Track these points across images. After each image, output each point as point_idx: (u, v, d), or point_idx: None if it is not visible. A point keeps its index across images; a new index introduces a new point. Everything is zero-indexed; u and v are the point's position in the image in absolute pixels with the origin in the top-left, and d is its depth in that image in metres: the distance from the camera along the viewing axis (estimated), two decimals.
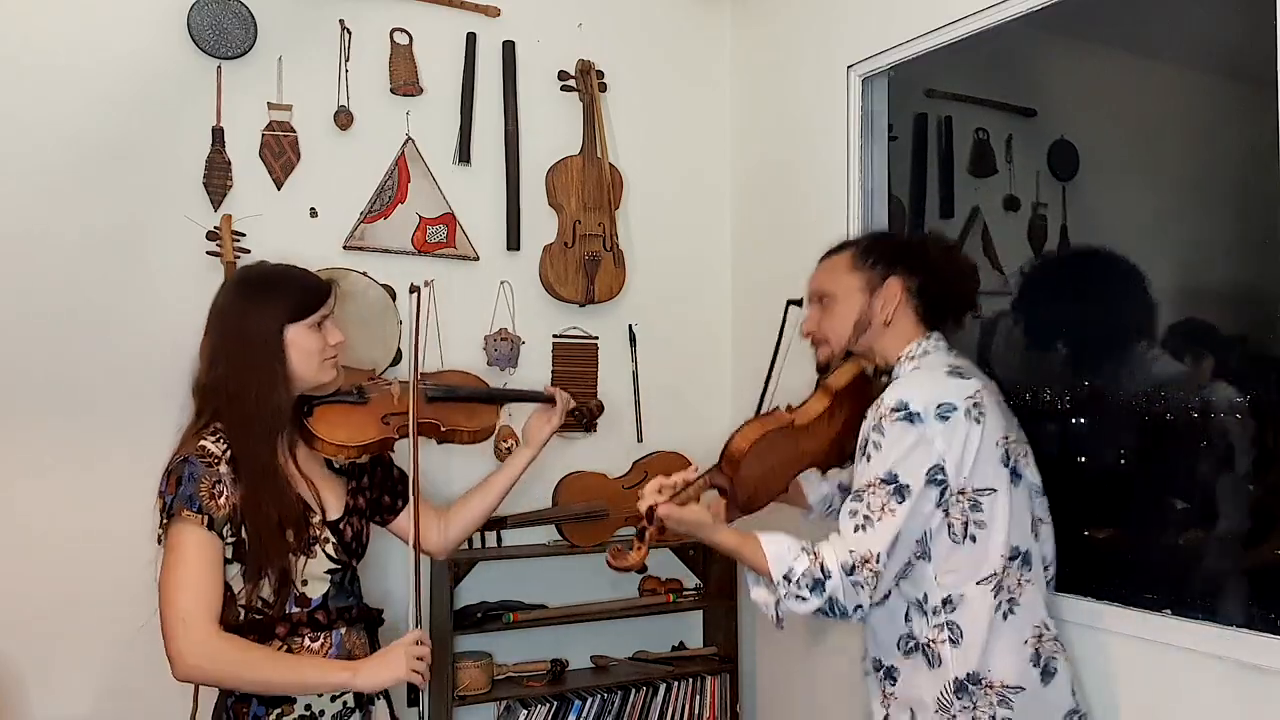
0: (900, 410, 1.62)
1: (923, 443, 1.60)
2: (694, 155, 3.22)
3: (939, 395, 1.63)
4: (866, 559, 1.58)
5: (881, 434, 1.63)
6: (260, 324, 1.71)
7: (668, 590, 3.02)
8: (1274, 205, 1.76)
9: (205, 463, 1.65)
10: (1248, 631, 1.74)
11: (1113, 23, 2.14)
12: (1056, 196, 2.30)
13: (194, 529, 1.62)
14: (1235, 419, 1.82)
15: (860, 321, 1.81)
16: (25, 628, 2.35)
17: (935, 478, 1.61)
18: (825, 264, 1.91)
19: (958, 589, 1.65)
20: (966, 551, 1.65)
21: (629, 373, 3.09)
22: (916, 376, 1.71)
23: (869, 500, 1.62)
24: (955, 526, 1.64)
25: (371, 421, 1.87)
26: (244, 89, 2.59)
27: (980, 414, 1.65)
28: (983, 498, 1.65)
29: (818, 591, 1.59)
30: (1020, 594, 1.67)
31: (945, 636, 1.65)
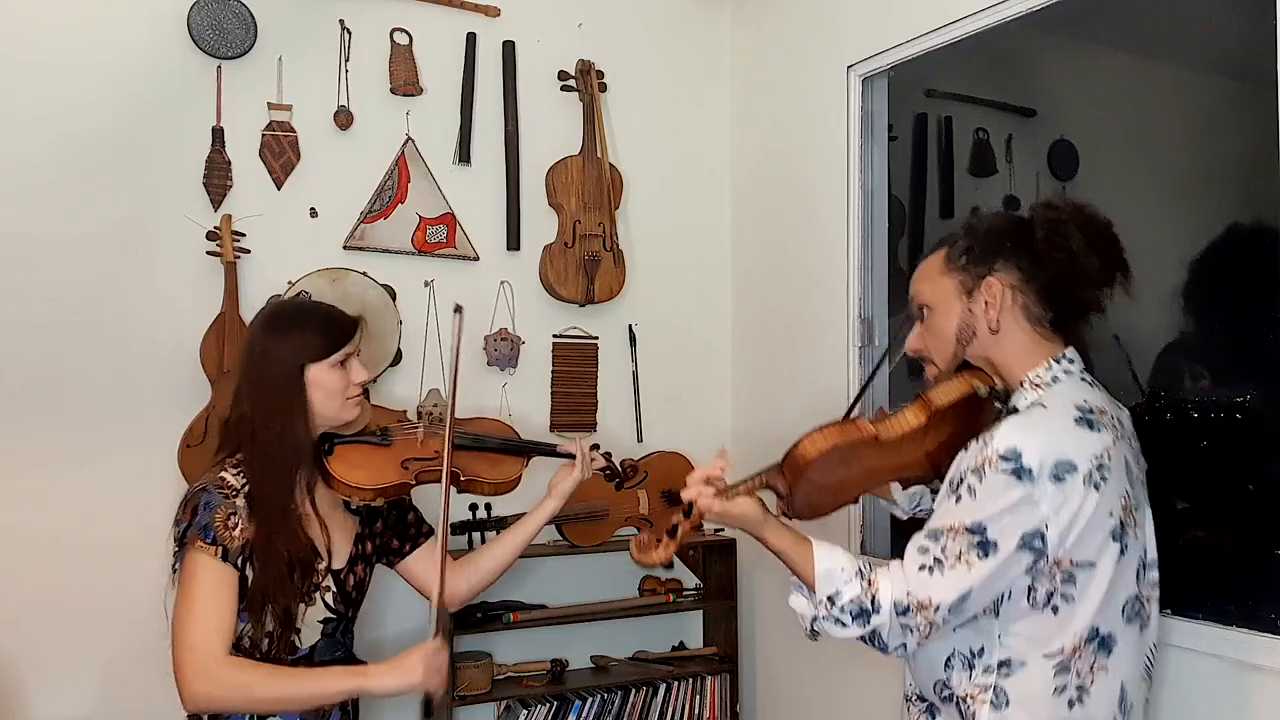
0: (1011, 460, 1.36)
1: (1026, 504, 1.35)
2: (694, 155, 3.22)
3: (1059, 451, 1.37)
4: (924, 605, 1.39)
5: (980, 480, 1.38)
6: (282, 362, 1.69)
7: (668, 590, 3.02)
8: (1274, 205, 1.76)
9: (223, 494, 1.64)
10: (1248, 631, 1.74)
11: (1113, 23, 2.14)
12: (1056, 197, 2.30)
13: (207, 559, 1.60)
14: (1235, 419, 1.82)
15: (962, 333, 1.52)
16: (25, 628, 2.35)
17: (1032, 544, 1.37)
18: (920, 268, 1.61)
19: (1020, 655, 1.43)
20: (1041, 619, 1.42)
21: (629, 373, 3.09)
22: (1038, 419, 1.41)
23: (945, 544, 1.40)
24: (1038, 593, 1.41)
25: (391, 465, 1.83)
26: (244, 89, 2.59)
27: (1103, 478, 1.39)
28: (1079, 571, 1.40)
29: (861, 621, 1.42)
30: (1092, 681, 1.42)
31: (988, 699, 1.44)
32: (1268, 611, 1.72)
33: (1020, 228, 1.52)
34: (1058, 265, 1.46)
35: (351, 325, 1.77)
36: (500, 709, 2.77)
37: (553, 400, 2.96)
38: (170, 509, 1.77)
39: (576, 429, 2.98)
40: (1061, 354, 1.49)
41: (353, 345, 1.75)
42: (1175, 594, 1.88)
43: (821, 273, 2.80)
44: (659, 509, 2.90)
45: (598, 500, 2.81)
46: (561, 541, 2.82)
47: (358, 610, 1.83)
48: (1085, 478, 1.37)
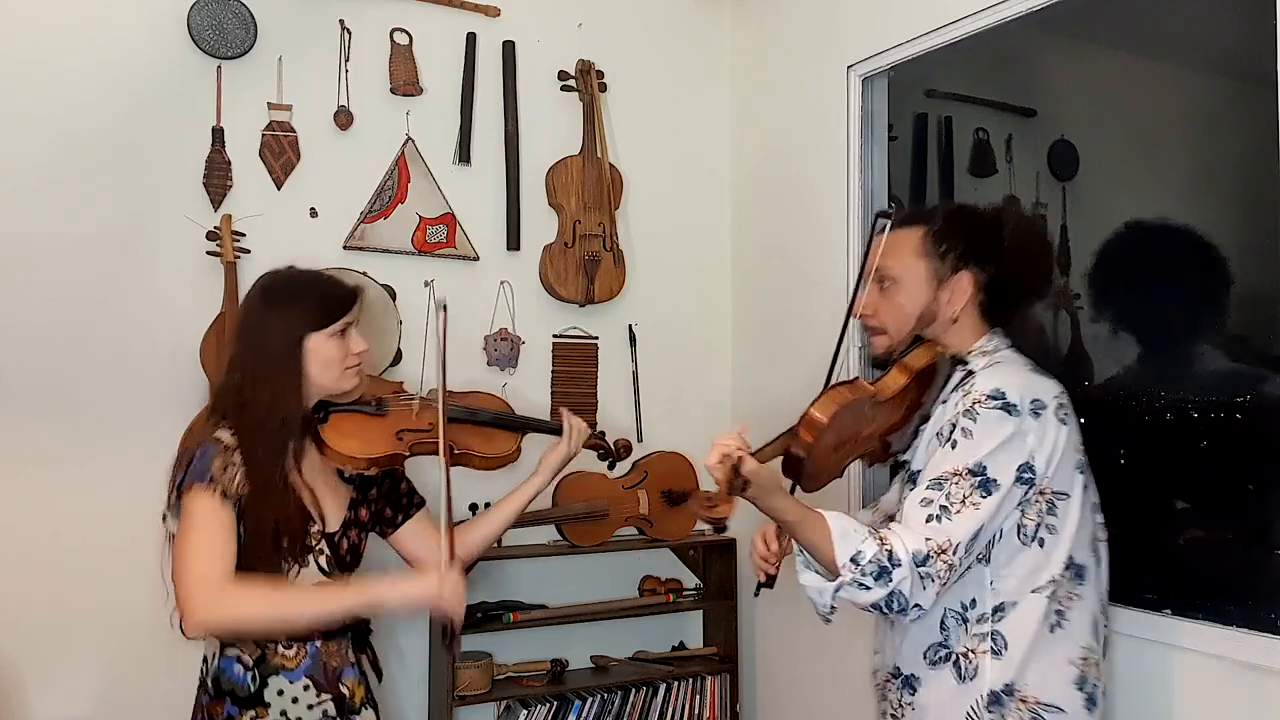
0: (998, 399, 1.51)
1: (1017, 436, 1.50)
2: (694, 155, 3.22)
3: (1033, 390, 1.54)
4: (944, 549, 1.46)
5: (974, 420, 1.51)
6: (279, 332, 1.70)
7: (668, 590, 3.02)
8: (1274, 205, 1.76)
9: (219, 446, 1.66)
10: (1248, 631, 1.74)
11: (1113, 23, 2.14)
12: (1056, 196, 2.29)
13: (207, 498, 1.62)
14: (1236, 418, 1.82)
15: (924, 316, 1.66)
16: (25, 628, 2.35)
17: (1024, 475, 1.51)
18: (894, 236, 1.68)
19: (1013, 596, 1.54)
20: (1031, 555, 1.54)
21: (629, 373, 3.09)
22: (1005, 368, 1.59)
23: (950, 490, 1.49)
24: (1027, 527, 1.53)
25: (385, 435, 1.84)
26: (244, 89, 2.59)
27: (1066, 415, 1.57)
28: (1059, 501, 1.55)
29: (883, 580, 1.44)
30: (1070, 609, 1.56)
31: (987, 647, 1.54)
32: (1268, 611, 1.72)
33: (996, 232, 1.67)
34: (1017, 274, 1.66)
35: (350, 295, 1.77)
36: (500, 709, 2.77)
37: (553, 400, 2.96)
38: None
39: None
40: (992, 333, 1.69)
41: (352, 315, 1.76)
42: (1175, 594, 1.88)
43: (821, 273, 2.80)
44: (659, 509, 2.90)
45: (598, 500, 2.81)
46: (561, 541, 2.83)
47: (350, 574, 1.83)
48: (1054, 411, 1.55)
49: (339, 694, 1.75)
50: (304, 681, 1.72)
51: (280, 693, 1.70)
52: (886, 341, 1.69)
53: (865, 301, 1.70)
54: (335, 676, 1.75)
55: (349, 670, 1.79)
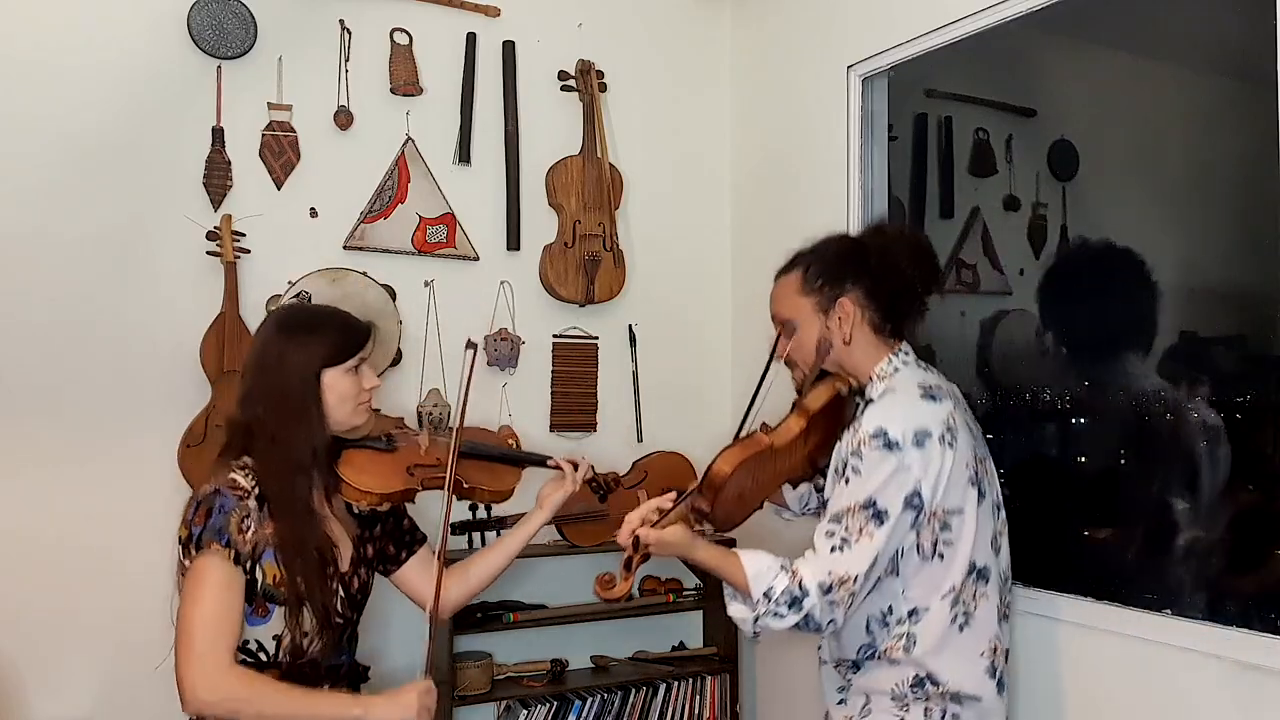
0: (879, 437, 1.64)
1: (901, 470, 1.63)
2: (694, 155, 3.22)
3: (915, 422, 1.66)
4: (844, 580, 1.63)
5: (860, 459, 1.66)
6: (299, 367, 1.70)
7: (668, 590, 3.02)
8: (1274, 205, 1.76)
9: (236, 496, 1.64)
10: (1248, 631, 1.74)
11: (1113, 23, 2.14)
12: (1056, 196, 2.30)
13: (220, 562, 1.60)
14: (1235, 419, 1.82)
15: (821, 345, 1.80)
16: (25, 628, 2.35)
17: (912, 502, 1.65)
18: (778, 286, 1.91)
19: (922, 603, 1.71)
20: (933, 568, 1.70)
21: (629, 373, 3.09)
22: (892, 401, 1.71)
23: (847, 523, 1.65)
24: (925, 546, 1.69)
25: (397, 471, 1.84)
26: (244, 89, 2.59)
27: (953, 439, 1.69)
28: (951, 518, 1.69)
29: (795, 609, 1.63)
30: (976, 608, 1.73)
31: (902, 645, 1.72)
32: (1268, 611, 1.72)
33: (860, 252, 1.83)
34: (892, 283, 1.78)
35: (365, 331, 1.79)
36: (500, 709, 2.77)
37: (553, 400, 2.96)
38: (170, 509, 1.77)
39: (576, 429, 2.99)
40: (898, 349, 1.80)
41: (366, 350, 1.78)
42: (1175, 594, 1.88)
43: None
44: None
45: (595, 501, 2.81)
46: (561, 541, 2.82)
47: (360, 615, 1.84)
48: (939, 439, 1.66)
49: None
50: None
51: None
52: (800, 374, 1.86)
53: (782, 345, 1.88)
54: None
55: None
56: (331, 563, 1.72)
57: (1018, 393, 2.27)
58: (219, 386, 2.44)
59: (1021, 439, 2.23)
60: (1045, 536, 2.08)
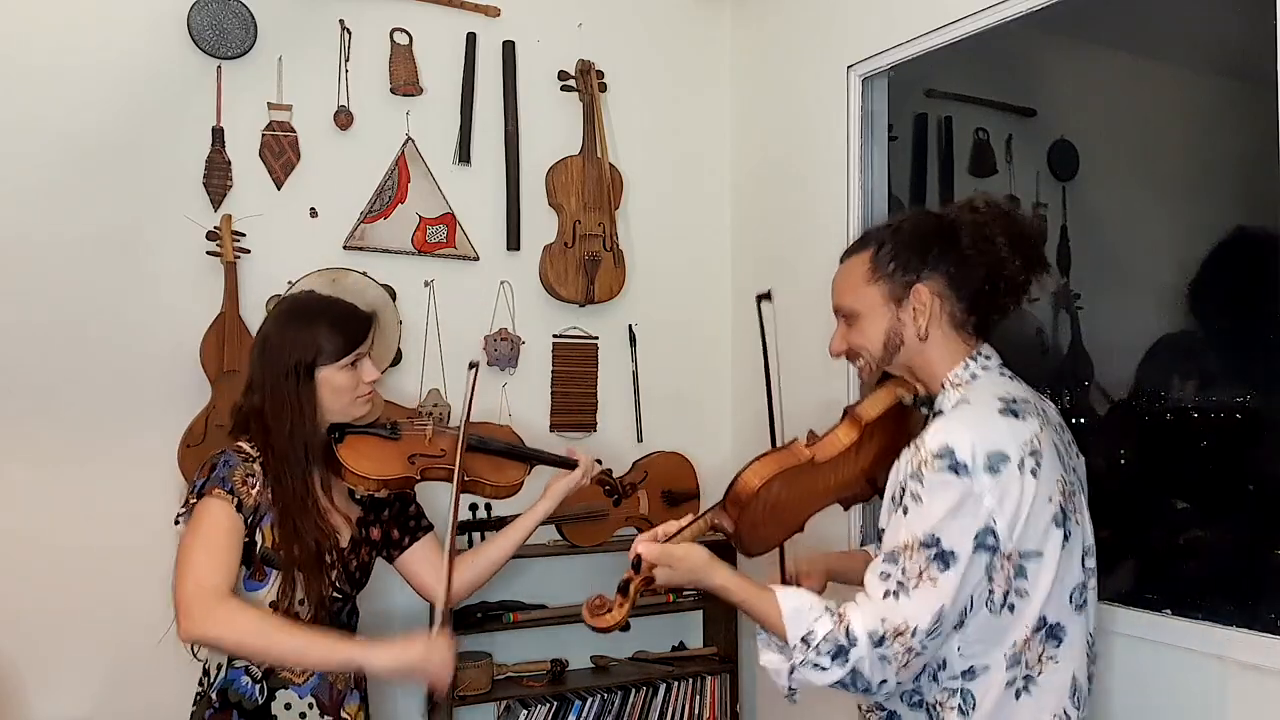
0: (944, 457, 1.34)
1: (970, 499, 1.34)
2: (694, 155, 3.22)
3: (991, 442, 1.36)
4: (900, 631, 1.34)
5: (921, 484, 1.36)
6: (292, 360, 1.72)
7: (668, 590, 3.01)
8: (1274, 205, 1.76)
9: (241, 456, 1.70)
10: (1248, 631, 1.74)
11: (1113, 23, 2.14)
12: (1056, 196, 2.30)
13: (222, 504, 1.64)
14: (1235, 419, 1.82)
15: (890, 340, 1.52)
16: (25, 628, 2.35)
17: (985, 541, 1.35)
18: (842, 270, 1.60)
19: (981, 660, 1.42)
20: (999, 622, 1.41)
21: (629, 373, 3.09)
22: (964, 415, 1.42)
23: (904, 564, 1.36)
24: (995, 595, 1.39)
25: (398, 458, 1.86)
26: (244, 89, 2.59)
27: (1037, 464, 1.38)
28: (1029, 563, 1.39)
29: (840, 660, 1.36)
30: (1041, 673, 1.42)
31: (955, 704, 1.43)
32: (1268, 611, 1.72)
33: (945, 231, 1.50)
34: (984, 271, 1.47)
35: (364, 326, 1.80)
36: (500, 709, 2.77)
37: (553, 400, 2.96)
38: (170, 509, 1.78)
39: (576, 429, 2.98)
40: (977, 352, 1.50)
41: (364, 346, 1.78)
42: (1175, 594, 1.88)
43: (821, 273, 2.79)
44: (659, 509, 2.90)
45: (598, 500, 2.81)
46: (561, 541, 2.82)
47: (359, 591, 1.87)
48: (1019, 465, 1.36)
49: (338, 718, 1.77)
50: (309, 699, 1.73)
51: (288, 706, 1.72)
52: (868, 368, 1.58)
53: (834, 338, 1.61)
54: (338, 700, 1.78)
55: (352, 695, 1.81)
56: (329, 551, 1.74)
57: None
58: (219, 386, 2.44)
59: None
60: None
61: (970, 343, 1.51)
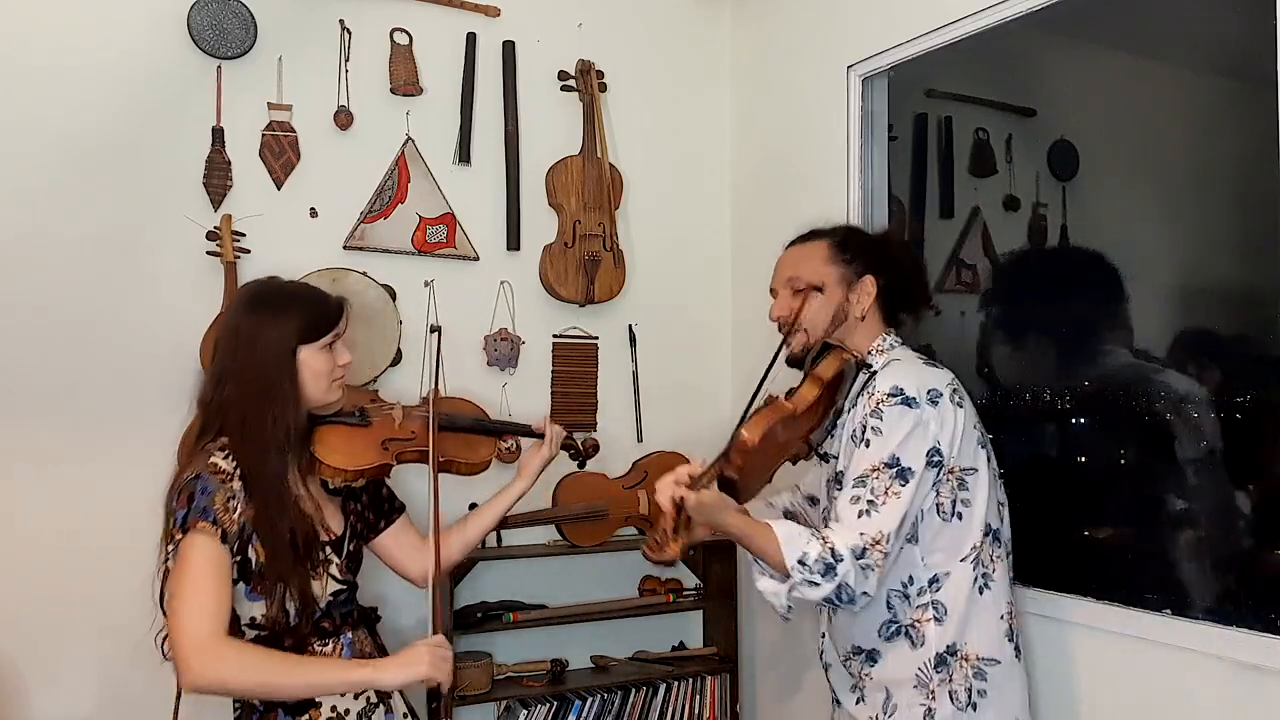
0: (896, 395, 1.69)
1: (920, 425, 1.68)
2: (694, 155, 3.22)
3: (927, 381, 1.72)
4: (877, 540, 1.63)
5: (880, 419, 1.69)
6: (273, 344, 1.68)
7: (668, 590, 3.02)
8: (1274, 205, 1.76)
9: (219, 479, 1.63)
10: (1248, 631, 1.74)
11: (1113, 23, 2.14)
12: (1056, 196, 2.29)
13: (207, 540, 1.59)
14: (1235, 418, 1.82)
15: (837, 315, 1.87)
16: (26, 628, 2.35)
17: (933, 459, 1.69)
18: (800, 250, 1.96)
19: (943, 568, 1.74)
20: (953, 529, 1.73)
21: (629, 373, 3.09)
22: (901, 365, 1.78)
23: (872, 485, 1.67)
24: (944, 505, 1.73)
25: (372, 446, 1.85)
26: (244, 89, 2.59)
27: (960, 399, 1.76)
28: (968, 476, 1.74)
29: (829, 576, 1.61)
30: (994, 570, 1.77)
31: (930, 615, 1.73)
32: (1268, 611, 1.72)
33: (885, 245, 1.96)
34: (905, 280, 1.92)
35: (338, 307, 1.78)
36: (500, 709, 2.77)
37: (553, 400, 2.96)
38: None
39: (576, 429, 2.98)
40: (888, 332, 1.91)
41: (340, 327, 1.77)
42: (1175, 594, 1.88)
43: None
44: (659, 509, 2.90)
45: (598, 500, 2.81)
46: (561, 541, 2.82)
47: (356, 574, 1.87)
48: (950, 398, 1.73)
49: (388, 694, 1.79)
50: None
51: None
52: (803, 340, 1.88)
53: (778, 305, 1.95)
54: None
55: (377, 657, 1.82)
56: (307, 541, 1.70)
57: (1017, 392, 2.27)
58: None
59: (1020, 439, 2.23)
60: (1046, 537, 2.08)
61: (884, 327, 1.91)
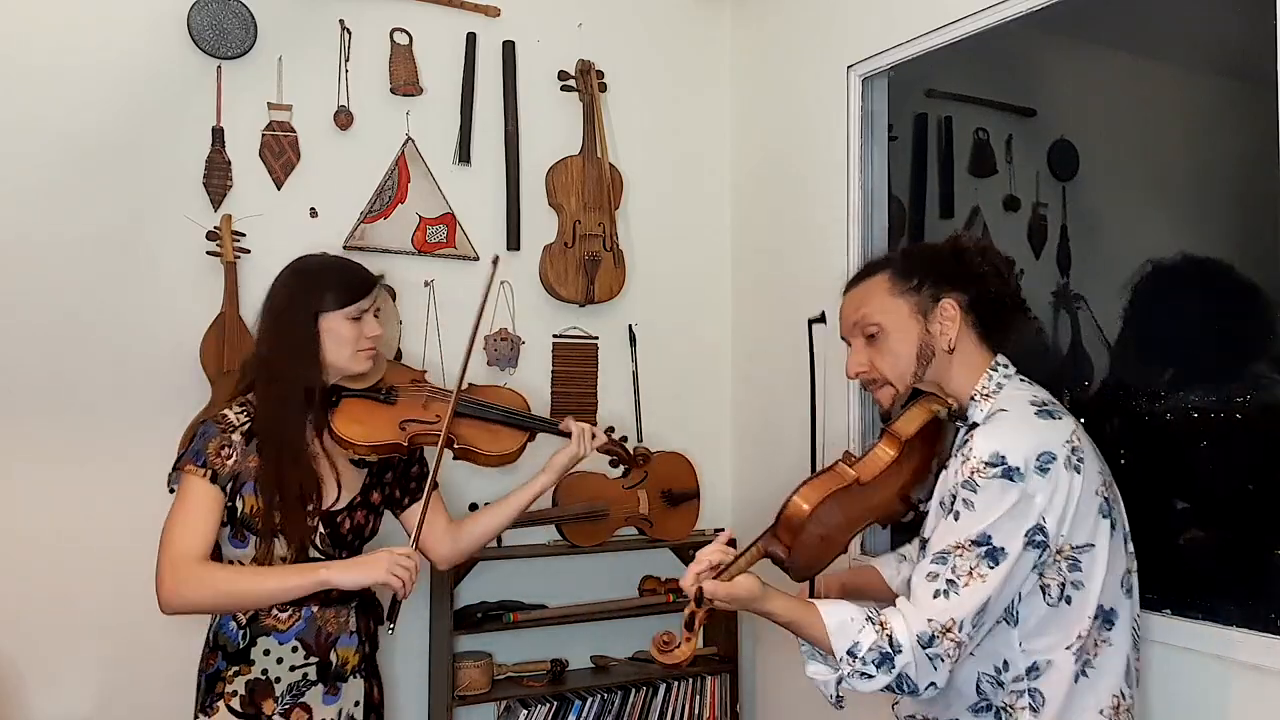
0: (996, 465, 1.41)
1: (1023, 501, 1.41)
2: (694, 155, 3.22)
3: (1037, 444, 1.43)
4: (948, 628, 1.40)
5: (974, 491, 1.43)
6: (298, 309, 1.82)
7: (668, 590, 3.02)
8: (1274, 205, 1.76)
9: (220, 427, 1.77)
10: (1248, 631, 1.74)
11: (1113, 23, 2.14)
12: (1056, 196, 2.30)
13: (196, 480, 1.74)
14: (1235, 419, 1.82)
15: (922, 353, 1.58)
16: (26, 627, 2.35)
17: (1034, 539, 1.42)
18: (860, 290, 1.66)
19: (1045, 655, 1.48)
20: (1061, 614, 1.47)
21: (629, 373, 3.09)
22: (1007, 421, 1.47)
23: (955, 563, 1.42)
24: (1051, 589, 1.46)
25: (390, 424, 1.90)
26: (244, 89, 2.59)
27: (1080, 460, 1.45)
28: (1081, 555, 1.46)
29: (886, 668, 1.41)
30: (1097, 655, 1.49)
31: (1025, 704, 1.48)
32: (1268, 611, 1.72)
33: (959, 253, 1.61)
34: (995, 288, 1.58)
35: (366, 282, 1.88)
36: (500, 709, 2.77)
37: (553, 400, 2.96)
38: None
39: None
40: (996, 362, 1.59)
41: (368, 301, 1.86)
42: (1175, 594, 1.88)
43: (821, 273, 2.80)
44: (659, 509, 2.90)
45: (598, 500, 2.81)
46: (561, 541, 2.83)
47: (353, 553, 1.90)
48: (1065, 463, 1.43)
49: (327, 660, 1.84)
50: (293, 643, 1.81)
51: (266, 652, 1.80)
52: (891, 393, 1.62)
53: (853, 359, 1.65)
54: (329, 643, 1.84)
55: (346, 639, 1.87)
56: (312, 500, 1.80)
57: None
58: (219, 386, 2.44)
59: None
60: None
61: (988, 354, 1.59)
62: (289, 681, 1.81)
